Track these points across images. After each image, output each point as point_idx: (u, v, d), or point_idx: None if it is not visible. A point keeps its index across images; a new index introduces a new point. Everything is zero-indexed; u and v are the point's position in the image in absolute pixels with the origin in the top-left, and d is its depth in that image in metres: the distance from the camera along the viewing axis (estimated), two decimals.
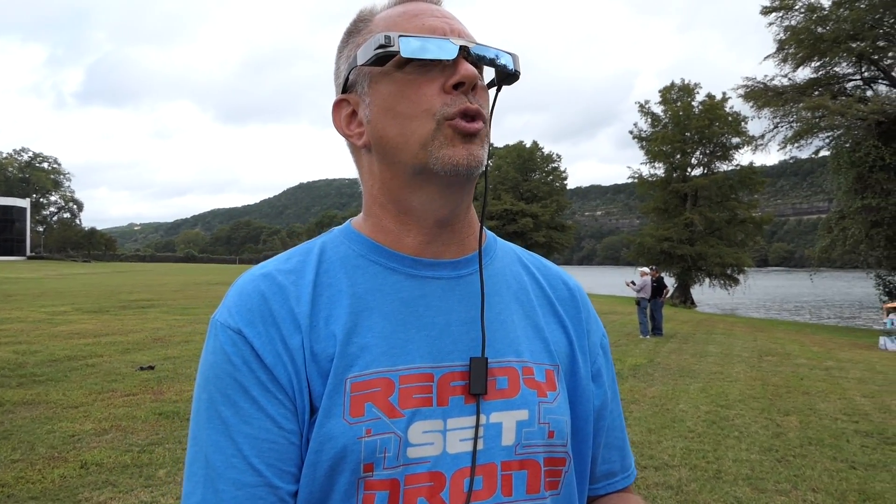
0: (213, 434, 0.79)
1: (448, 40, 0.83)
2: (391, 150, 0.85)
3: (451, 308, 0.86)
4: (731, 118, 42.31)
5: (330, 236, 0.92)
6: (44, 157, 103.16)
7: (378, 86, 0.86)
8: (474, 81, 0.82)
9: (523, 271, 0.97)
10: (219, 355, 0.81)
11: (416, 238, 0.88)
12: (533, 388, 0.86)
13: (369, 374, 0.80)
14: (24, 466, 4.98)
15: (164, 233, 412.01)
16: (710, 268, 41.42)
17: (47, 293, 23.28)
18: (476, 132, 0.82)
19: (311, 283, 0.85)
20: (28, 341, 11.39)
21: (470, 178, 0.83)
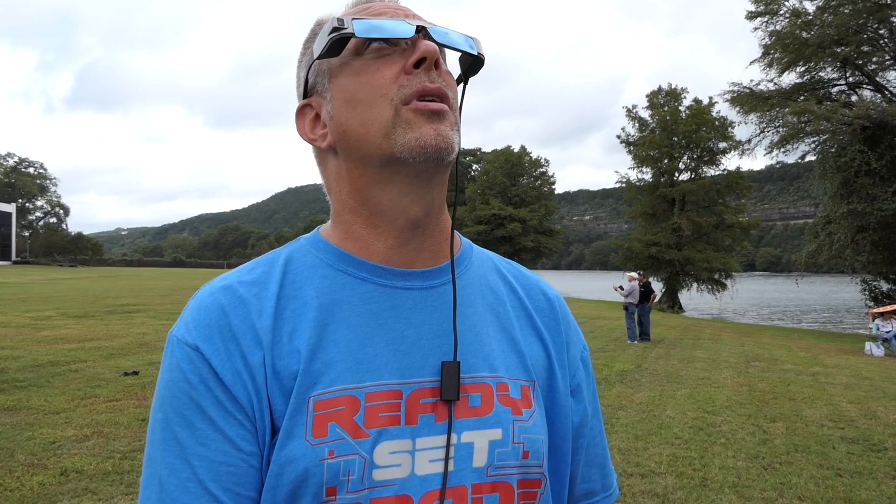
0: (168, 456, 0.74)
1: (404, 21, 0.80)
2: (355, 144, 0.80)
3: (423, 320, 0.82)
4: (718, 123, 42.61)
5: (297, 245, 0.88)
6: (30, 161, 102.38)
7: (337, 79, 0.82)
8: (435, 57, 0.78)
9: (500, 281, 0.92)
10: (175, 373, 0.76)
11: (387, 242, 0.83)
12: (507, 405, 0.82)
13: (334, 391, 0.75)
14: (2, 473, 4.89)
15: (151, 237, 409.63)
16: (697, 272, 41.63)
17: (32, 298, 23.04)
18: (439, 111, 0.78)
19: (275, 295, 0.80)
20: (11, 346, 11.24)
21: (440, 162, 0.78)
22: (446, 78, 0.81)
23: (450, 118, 0.79)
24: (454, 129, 0.79)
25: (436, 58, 0.78)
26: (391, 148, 0.77)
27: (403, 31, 0.79)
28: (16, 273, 49.04)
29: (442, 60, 0.84)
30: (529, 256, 69.50)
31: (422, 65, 0.78)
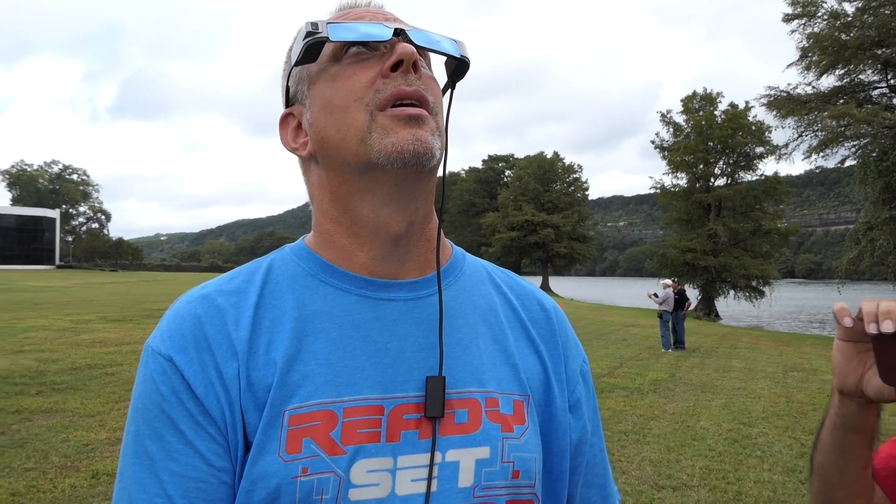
0: (138, 470, 0.72)
1: (382, 24, 0.77)
2: (333, 151, 0.78)
3: (408, 333, 0.78)
4: (755, 127, 41.85)
5: (280, 254, 0.85)
6: (73, 168, 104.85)
7: (316, 85, 0.80)
8: (412, 59, 0.75)
9: (494, 291, 0.89)
10: (147, 384, 0.74)
11: (370, 253, 0.80)
12: (497, 421, 0.78)
13: (310, 405, 0.72)
14: (36, 475, 4.99)
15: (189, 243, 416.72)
16: (734, 280, 40.86)
17: (73, 302, 23.56)
18: (417, 115, 0.75)
19: (254, 304, 0.77)
20: (51, 349, 11.50)
21: (420, 168, 0.75)
22: (427, 81, 0.78)
23: (429, 123, 0.76)
24: (434, 134, 0.76)
25: (413, 60, 0.76)
26: (367, 154, 0.75)
27: (380, 34, 0.76)
28: (59, 277, 50.24)
29: (424, 64, 0.81)
30: (563, 263, 69.13)
31: (399, 68, 0.76)
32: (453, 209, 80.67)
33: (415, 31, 0.79)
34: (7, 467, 5.15)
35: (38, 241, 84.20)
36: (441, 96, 0.82)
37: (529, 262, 72.37)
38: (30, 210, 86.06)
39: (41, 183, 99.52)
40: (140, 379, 0.76)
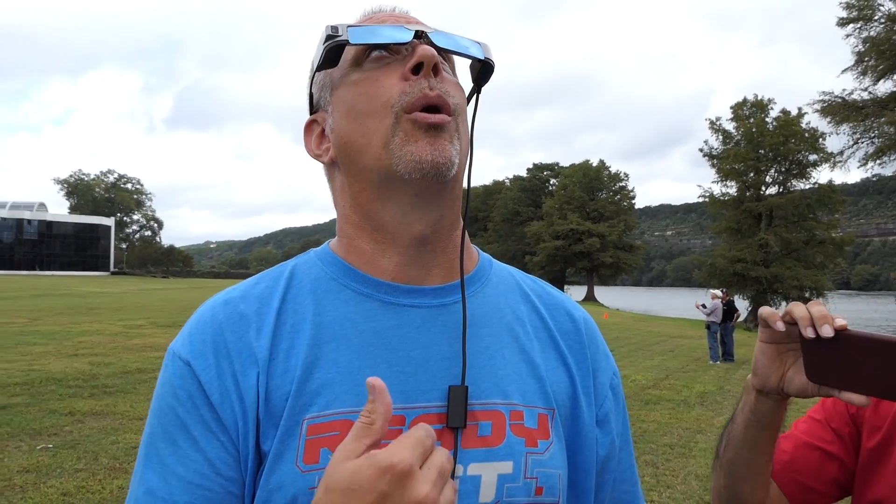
0: (150, 472, 0.72)
1: (402, 26, 0.76)
2: (355, 156, 0.78)
3: (431, 341, 0.76)
4: (808, 134, 40.83)
5: (305, 258, 0.85)
6: (128, 178, 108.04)
7: (338, 90, 0.80)
8: (433, 61, 0.74)
9: (521, 300, 0.86)
10: (166, 387, 0.74)
11: (393, 259, 0.79)
12: (521, 435, 0.75)
13: (329, 414, 0.71)
14: (86, 476, 5.12)
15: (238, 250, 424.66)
16: (786, 291, 39.80)
17: (126, 307, 24.22)
18: (437, 124, 0.74)
19: (276, 310, 0.77)
20: (104, 353, 11.85)
21: (439, 179, 0.74)
22: (448, 84, 0.77)
23: (449, 129, 0.75)
24: (454, 142, 0.75)
25: (434, 62, 0.75)
26: (389, 160, 0.74)
27: (400, 36, 0.76)
28: (112, 283, 51.74)
29: (447, 68, 0.80)
30: (608, 272, 68.36)
31: (420, 70, 0.75)
32: (497, 218, 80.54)
33: (436, 33, 0.78)
34: (59, 467, 5.30)
35: (93, 248, 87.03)
36: (464, 99, 0.81)
37: (574, 271, 71.74)
38: (86, 218, 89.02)
39: (97, 192, 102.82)
40: (160, 381, 0.76)
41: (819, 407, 1.24)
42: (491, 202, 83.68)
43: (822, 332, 0.85)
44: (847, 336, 0.84)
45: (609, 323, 26.86)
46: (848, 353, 0.84)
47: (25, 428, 6.43)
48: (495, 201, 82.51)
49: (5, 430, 6.33)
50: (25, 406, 7.35)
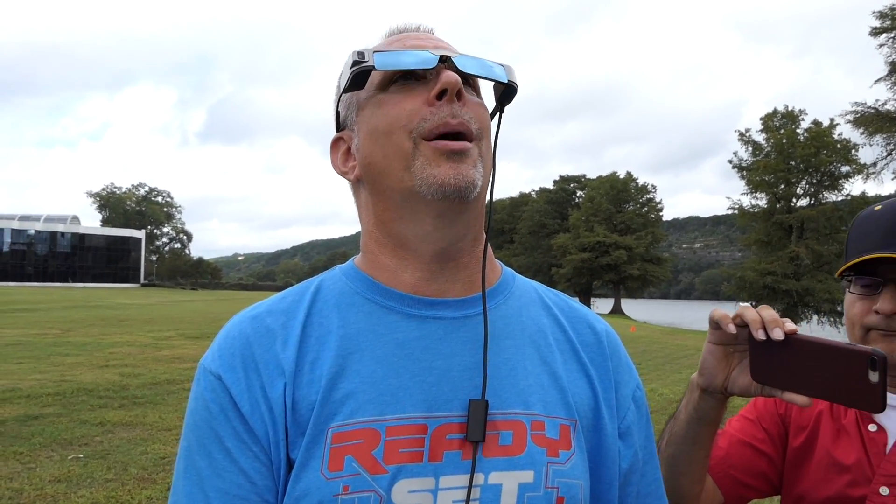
0: (188, 485, 0.75)
1: (427, 51, 0.77)
2: (378, 176, 0.80)
3: (453, 351, 0.78)
4: (840, 145, 40.23)
5: (330, 273, 0.87)
6: (158, 191, 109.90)
7: (364, 111, 0.82)
8: (457, 88, 0.76)
9: (544, 313, 0.87)
10: (199, 402, 0.77)
11: (415, 274, 0.80)
12: (542, 445, 0.76)
13: (353, 423, 0.73)
14: (115, 486, 5.18)
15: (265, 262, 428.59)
16: (818, 304, 39.17)
17: (156, 319, 24.55)
18: (460, 150, 0.75)
19: (301, 323, 0.79)
20: (133, 364, 12.01)
21: (462, 201, 0.76)
22: (472, 108, 0.79)
23: (472, 155, 0.77)
24: (476, 166, 0.77)
25: (458, 88, 0.76)
26: (411, 181, 0.76)
27: (425, 62, 0.77)
28: (143, 295, 52.51)
29: (470, 90, 0.81)
30: (636, 285, 67.81)
31: (444, 96, 0.76)
32: (523, 230, 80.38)
33: (461, 57, 0.79)
34: (90, 477, 5.37)
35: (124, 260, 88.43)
36: (488, 121, 0.82)
37: (601, 283, 71.28)
38: (118, 231, 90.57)
39: (129, 205, 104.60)
40: (193, 396, 0.79)
41: (751, 406, 1.31)
42: (517, 214, 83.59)
43: (773, 335, 0.88)
44: (795, 340, 0.88)
45: (636, 336, 26.57)
46: (794, 356, 0.89)
47: (57, 438, 6.53)
48: (521, 213, 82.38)
49: (38, 440, 6.44)
50: (57, 416, 7.47)
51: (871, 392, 0.83)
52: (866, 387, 0.84)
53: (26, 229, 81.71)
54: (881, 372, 0.83)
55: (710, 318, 0.99)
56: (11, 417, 7.30)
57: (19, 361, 11.85)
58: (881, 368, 0.83)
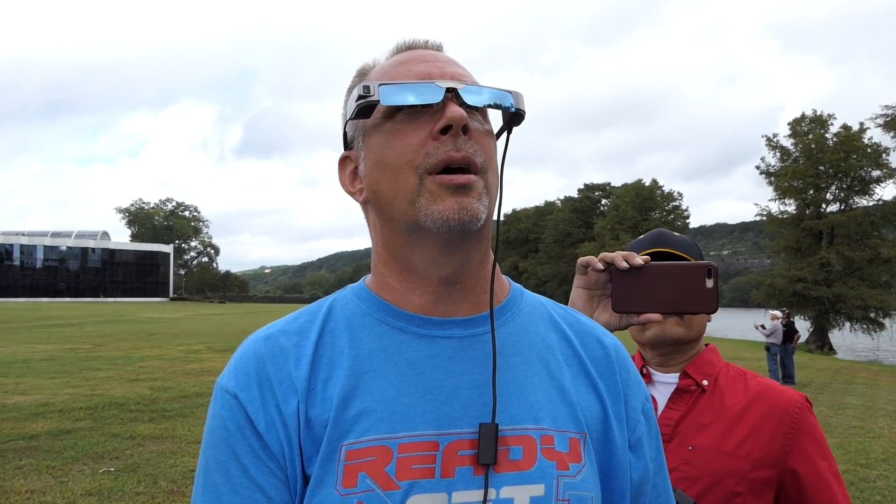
0: (207, 501, 0.77)
1: (434, 83, 0.78)
2: (384, 206, 0.81)
3: (463, 370, 0.80)
4: (871, 150, 39.53)
5: (342, 294, 0.89)
6: (185, 205, 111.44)
7: (370, 139, 0.83)
8: (462, 123, 0.77)
9: (552, 328, 0.89)
10: (216, 420, 0.80)
11: (422, 297, 0.83)
12: (552, 459, 0.78)
13: (366, 441, 0.75)
14: (146, 499, 5.26)
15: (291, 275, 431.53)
16: (850, 311, 38.34)
17: (184, 332, 24.87)
18: (464, 184, 0.76)
19: (314, 343, 0.81)
20: (163, 378, 12.18)
21: (466, 234, 0.77)
22: (478, 140, 0.80)
23: (476, 188, 0.78)
24: (481, 199, 0.78)
25: (463, 124, 0.77)
26: (416, 216, 0.77)
27: (430, 96, 0.78)
28: (171, 309, 53.17)
29: (477, 117, 0.82)
30: None
31: (448, 131, 0.77)
32: (548, 239, 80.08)
33: (467, 88, 0.79)
34: (120, 491, 5.46)
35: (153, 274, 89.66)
36: (494, 150, 0.83)
37: None
38: (146, 246, 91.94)
39: (157, 220, 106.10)
40: (210, 414, 0.81)
41: None
42: (542, 223, 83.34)
43: (634, 262, 1.07)
44: (649, 266, 1.08)
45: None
46: (648, 280, 1.08)
47: (89, 452, 6.65)
48: (546, 222, 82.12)
49: (70, 453, 6.55)
50: (89, 430, 7.61)
51: (710, 296, 1.07)
52: (705, 292, 1.07)
53: (58, 245, 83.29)
54: (715, 279, 1.07)
55: (578, 263, 1.18)
56: (44, 432, 7.45)
57: (52, 376, 12.08)
58: (715, 276, 1.07)
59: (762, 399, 1.39)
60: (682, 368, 1.45)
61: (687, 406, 1.41)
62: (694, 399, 1.42)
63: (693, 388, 1.43)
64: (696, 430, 1.38)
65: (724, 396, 1.41)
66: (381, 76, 0.84)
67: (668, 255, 1.41)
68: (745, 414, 1.38)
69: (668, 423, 1.39)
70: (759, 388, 1.42)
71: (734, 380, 1.45)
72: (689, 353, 1.47)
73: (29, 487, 5.45)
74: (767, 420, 1.36)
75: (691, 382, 1.43)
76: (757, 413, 1.37)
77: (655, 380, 1.47)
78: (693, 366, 1.45)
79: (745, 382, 1.44)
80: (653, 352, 1.48)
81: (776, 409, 1.37)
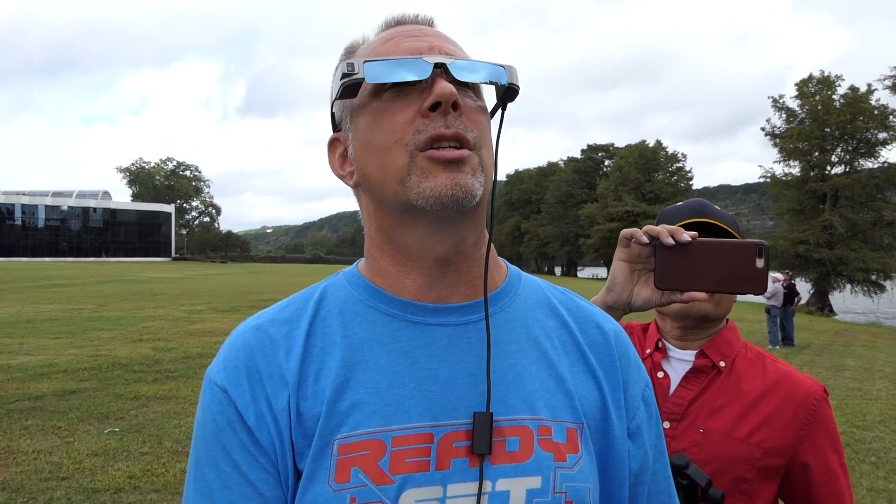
0: (198, 496, 0.76)
1: (421, 59, 0.75)
2: (375, 188, 0.79)
3: (458, 358, 0.78)
4: (878, 111, 39.14)
5: (334, 280, 0.87)
6: (186, 165, 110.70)
7: (357, 119, 0.80)
8: (451, 100, 0.73)
9: (549, 314, 0.87)
10: (205, 414, 0.78)
11: (417, 280, 0.80)
12: (549, 450, 0.76)
13: (359, 434, 0.73)
14: (151, 459, 5.34)
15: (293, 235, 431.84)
16: (851, 273, 38.45)
17: (187, 293, 24.98)
18: (456, 159, 0.73)
19: (305, 333, 0.79)
20: (166, 338, 12.28)
21: (461, 210, 0.75)
22: (469, 115, 0.76)
23: (470, 162, 0.75)
24: (475, 174, 0.75)
25: (453, 100, 0.74)
26: (407, 195, 0.74)
27: (418, 73, 0.74)
28: (174, 269, 53.36)
29: (468, 92, 0.79)
30: None
31: (438, 108, 0.74)
32: (551, 200, 79.83)
33: (456, 63, 0.76)
34: (126, 451, 5.54)
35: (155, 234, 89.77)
36: (487, 126, 0.80)
37: None
38: (148, 205, 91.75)
39: (158, 179, 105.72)
40: (200, 408, 0.80)
41: None
42: (545, 184, 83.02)
43: (681, 238, 1.01)
44: (696, 243, 1.02)
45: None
46: (694, 258, 1.02)
47: (94, 412, 6.73)
48: (549, 183, 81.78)
49: (76, 414, 6.64)
50: (93, 391, 7.69)
51: (759, 276, 1.00)
52: (755, 273, 1.00)
53: (59, 205, 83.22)
54: (766, 259, 1.00)
55: (621, 235, 1.12)
56: (50, 392, 7.54)
57: (56, 336, 12.18)
58: (766, 256, 1.00)
59: (780, 387, 1.36)
60: (700, 346, 1.41)
61: (701, 387, 1.38)
62: (709, 380, 1.38)
63: (709, 369, 1.39)
64: (708, 412, 1.35)
65: (741, 380, 1.38)
66: (367, 53, 0.81)
67: (710, 225, 1.36)
68: (762, 401, 1.34)
69: (681, 402, 1.37)
70: (778, 374, 1.38)
71: (752, 363, 1.41)
72: (711, 330, 1.42)
73: (35, 448, 5.53)
74: (784, 410, 1.33)
75: (708, 363, 1.39)
76: (773, 401, 1.34)
77: (671, 355, 1.43)
78: (711, 345, 1.40)
79: (763, 367, 1.40)
80: (674, 324, 1.43)
81: (794, 399, 1.34)
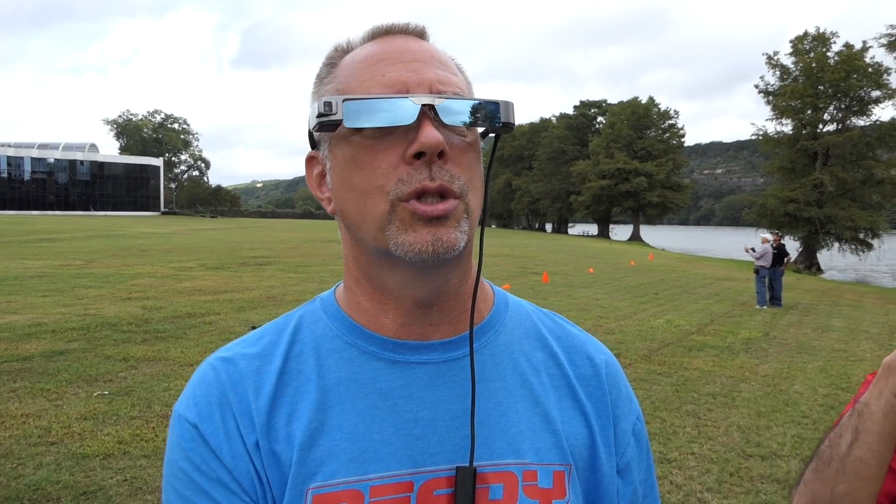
0: None
1: (408, 98, 0.68)
2: (353, 227, 0.73)
3: (440, 399, 0.74)
4: (872, 70, 38.89)
5: (310, 308, 0.82)
6: (175, 118, 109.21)
7: (336, 150, 0.73)
8: (437, 150, 0.67)
9: (538, 345, 0.82)
10: (176, 451, 0.73)
11: (397, 320, 0.75)
12: (535, 497, 0.73)
13: (334, 484, 0.69)
14: (140, 424, 5.34)
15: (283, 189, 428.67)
16: (839, 231, 38.73)
17: (176, 248, 24.88)
18: (441, 215, 0.68)
19: (277, 371, 0.75)
20: (155, 297, 12.24)
21: (442, 263, 0.70)
22: (456, 160, 0.70)
23: (455, 213, 0.69)
24: (460, 224, 0.70)
25: (438, 150, 0.68)
26: (385, 244, 0.69)
27: (403, 115, 0.67)
28: (163, 223, 53.09)
29: (455, 137, 0.71)
30: (655, 212, 67.38)
31: (423, 157, 0.68)
32: (542, 156, 79.40)
33: (445, 105, 0.69)
34: (115, 415, 5.53)
35: (144, 188, 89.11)
36: (477, 164, 0.74)
37: (620, 210, 70.88)
38: (136, 159, 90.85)
39: (145, 132, 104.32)
40: (170, 444, 0.75)
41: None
42: (537, 140, 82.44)
43: None
44: None
45: (653, 264, 26.53)
46: None
47: (82, 374, 6.71)
48: (541, 139, 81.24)
49: (64, 376, 6.61)
50: (82, 352, 7.66)
51: None
52: None
53: (45, 158, 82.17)
54: None
55: None
56: (38, 353, 7.51)
57: (44, 294, 12.11)
58: None
59: None
60: None
61: None
62: None
63: None
64: None
65: None
66: (349, 75, 0.73)
67: None
68: None
69: None
70: None
71: None
72: None
73: (24, 411, 5.52)
74: None
75: None
76: None
77: None
78: None
79: None
80: None
81: None
